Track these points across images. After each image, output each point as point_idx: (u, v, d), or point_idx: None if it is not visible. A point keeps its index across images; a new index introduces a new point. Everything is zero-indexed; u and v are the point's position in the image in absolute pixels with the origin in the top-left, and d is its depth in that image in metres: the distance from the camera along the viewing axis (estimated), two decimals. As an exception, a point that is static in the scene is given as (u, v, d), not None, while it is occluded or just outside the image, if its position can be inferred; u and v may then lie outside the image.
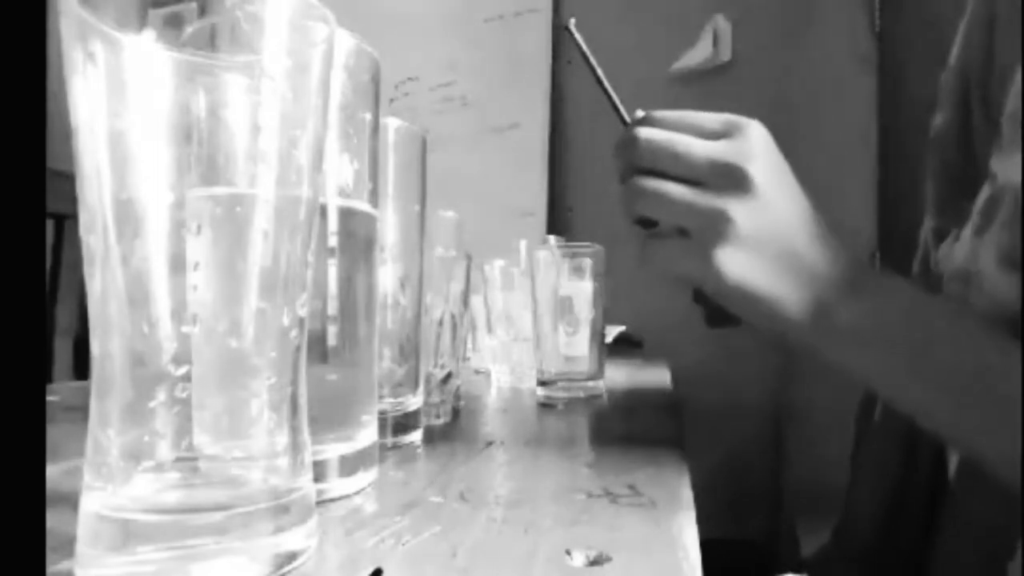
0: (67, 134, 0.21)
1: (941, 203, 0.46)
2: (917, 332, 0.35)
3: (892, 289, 0.37)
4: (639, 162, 0.39)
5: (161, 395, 0.21)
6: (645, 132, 0.39)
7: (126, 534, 0.21)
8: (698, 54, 1.71)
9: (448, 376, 0.54)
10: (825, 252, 0.37)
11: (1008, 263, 0.35)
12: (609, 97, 0.45)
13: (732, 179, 0.37)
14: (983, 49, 0.42)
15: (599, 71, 0.46)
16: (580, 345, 0.65)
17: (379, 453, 0.36)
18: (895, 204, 1.46)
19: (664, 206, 0.38)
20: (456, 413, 0.56)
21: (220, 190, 0.22)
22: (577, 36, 0.46)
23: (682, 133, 0.39)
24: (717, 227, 0.37)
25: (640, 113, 0.43)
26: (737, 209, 0.36)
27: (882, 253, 1.55)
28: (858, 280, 0.37)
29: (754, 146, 0.38)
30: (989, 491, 0.36)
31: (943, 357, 0.34)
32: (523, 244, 0.79)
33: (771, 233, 0.37)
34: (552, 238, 0.93)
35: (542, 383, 0.66)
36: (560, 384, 0.65)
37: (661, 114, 0.41)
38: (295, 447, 0.24)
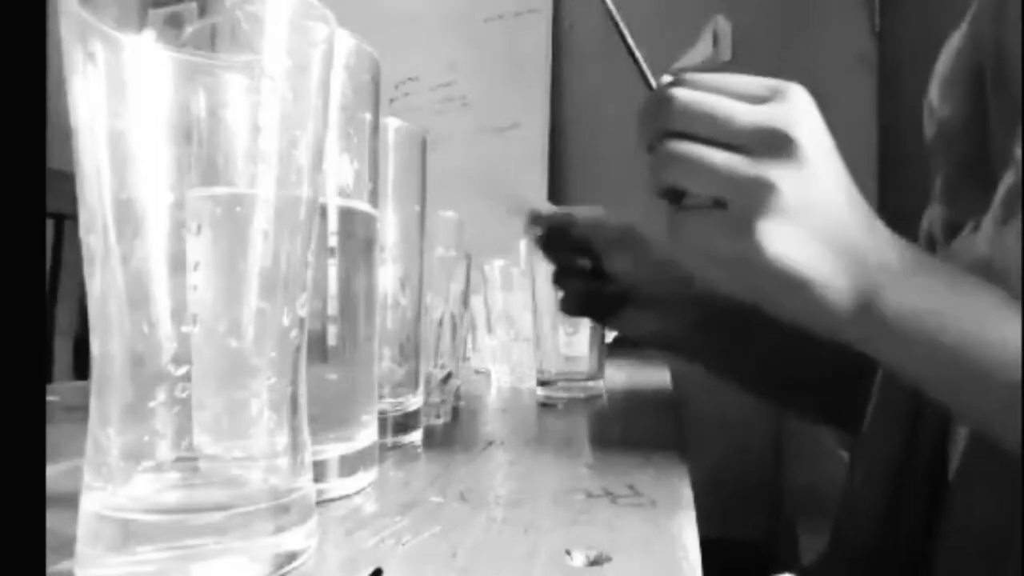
0: (67, 134, 0.21)
1: (952, 193, 0.46)
2: (969, 322, 0.33)
3: (942, 276, 0.35)
4: (672, 125, 0.35)
5: (161, 395, 0.21)
6: (680, 92, 0.36)
7: (126, 534, 0.21)
8: (698, 54, 1.71)
9: (448, 376, 0.54)
10: (873, 234, 0.34)
11: None
12: (635, 58, 0.42)
13: (778, 146, 0.33)
14: (996, 38, 0.41)
15: (625, 30, 0.43)
16: (580, 345, 0.65)
17: (379, 453, 0.36)
18: (895, 204, 1.46)
19: (703, 174, 0.34)
20: (456, 413, 0.56)
21: (220, 190, 0.22)
22: None
23: (720, 95, 0.35)
24: (761, 197, 0.33)
25: (667, 78, 0.40)
26: (784, 178, 0.33)
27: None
28: (909, 266, 0.34)
29: (801, 110, 0.34)
30: (989, 490, 0.36)
31: (994, 351, 0.32)
32: (523, 244, 0.79)
33: (820, 208, 0.33)
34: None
35: (542, 383, 0.66)
36: (560, 384, 0.65)
37: (696, 76, 0.38)
38: (295, 447, 0.24)
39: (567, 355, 0.65)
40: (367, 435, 0.34)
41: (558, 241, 0.57)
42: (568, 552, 0.25)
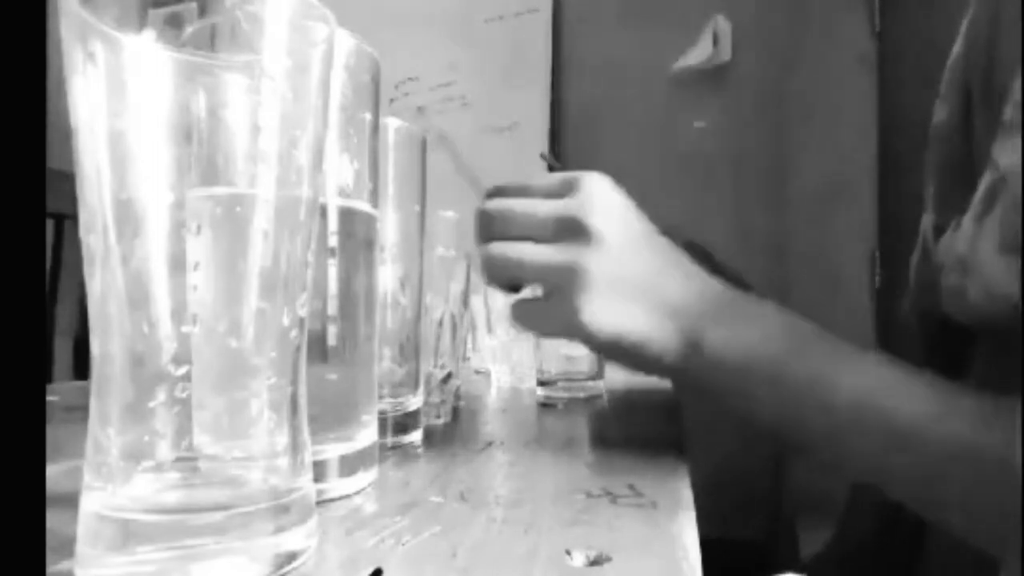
0: (67, 134, 0.21)
1: (942, 197, 0.46)
2: (779, 353, 0.36)
3: (756, 313, 0.38)
4: (493, 232, 0.41)
5: (161, 395, 0.21)
6: (493, 203, 0.42)
7: (126, 534, 0.21)
8: (698, 54, 1.71)
9: (448, 376, 0.54)
10: (687, 285, 0.38)
11: (1008, 248, 0.35)
12: (468, 178, 0.49)
13: (577, 232, 0.38)
14: (986, 44, 0.42)
15: (458, 155, 0.50)
16: (580, 345, 0.65)
17: (379, 453, 0.36)
18: (895, 203, 1.46)
19: (518, 267, 0.40)
20: (456, 413, 0.56)
21: (220, 190, 0.22)
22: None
23: (525, 198, 0.41)
24: (572, 279, 0.38)
25: (488, 187, 0.46)
26: (586, 258, 0.38)
27: (882, 252, 1.55)
28: (724, 307, 0.38)
29: (591, 197, 0.39)
30: None
31: (808, 374, 0.35)
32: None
33: (624, 275, 0.38)
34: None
35: (542, 383, 0.66)
36: (560, 384, 0.65)
37: (505, 185, 0.43)
38: (295, 447, 0.24)
39: (567, 355, 0.65)
40: (367, 435, 0.34)
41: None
42: (568, 552, 0.25)
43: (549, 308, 0.40)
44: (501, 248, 0.40)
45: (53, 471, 0.34)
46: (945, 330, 0.40)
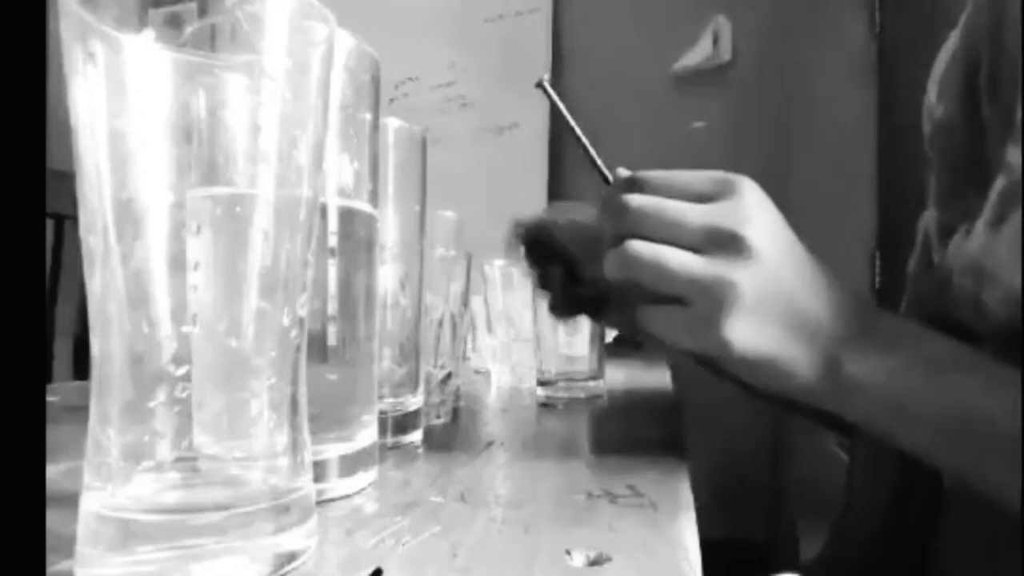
0: (67, 134, 0.21)
1: (945, 196, 0.46)
2: (930, 381, 0.34)
3: (900, 335, 0.36)
4: (630, 229, 0.38)
5: (161, 395, 0.21)
6: (635, 200, 0.38)
7: (126, 534, 0.21)
8: (698, 54, 1.71)
9: (448, 376, 0.54)
10: (830, 305, 0.37)
11: None
12: (588, 154, 0.45)
13: (730, 244, 0.36)
14: (989, 37, 0.42)
15: (577, 129, 0.45)
16: (580, 345, 0.65)
17: (379, 453, 0.36)
18: (895, 203, 1.46)
19: (663, 275, 0.36)
20: (456, 413, 0.56)
21: (220, 190, 0.22)
22: (551, 93, 0.45)
23: (671, 197, 0.38)
24: (721, 297, 0.35)
25: (622, 172, 0.42)
26: (740, 276, 0.35)
27: (882, 252, 1.55)
28: (866, 330, 0.36)
29: (748, 206, 0.37)
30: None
31: (954, 401, 0.33)
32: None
33: (776, 296, 0.36)
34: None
35: (542, 383, 0.66)
36: (560, 384, 0.65)
37: (649, 176, 0.40)
38: (295, 447, 0.24)
39: (567, 355, 0.65)
40: (367, 435, 0.34)
41: (538, 249, 0.58)
42: (568, 552, 0.25)
43: (689, 319, 0.37)
44: (648, 250, 0.37)
45: (53, 471, 0.34)
46: (947, 333, 0.40)
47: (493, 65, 1.85)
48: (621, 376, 0.85)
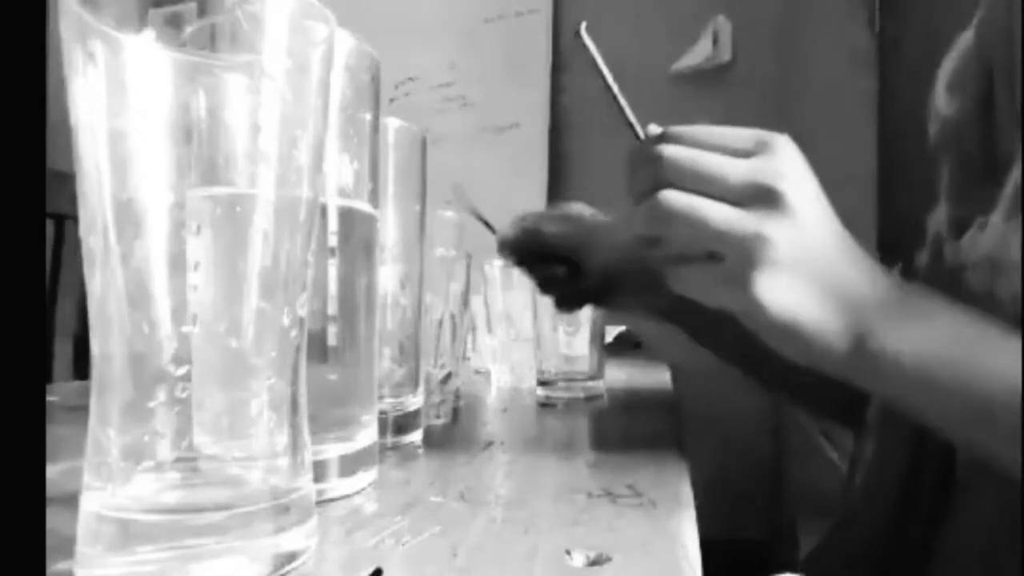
0: (67, 134, 0.21)
1: (959, 191, 0.46)
2: (964, 356, 0.34)
3: (934, 312, 0.36)
4: (663, 180, 0.37)
5: (161, 395, 0.21)
6: (670, 150, 0.37)
7: (126, 534, 0.21)
8: (698, 54, 1.71)
9: (448, 376, 0.54)
10: (864, 276, 0.36)
11: None
12: (621, 109, 0.43)
13: (767, 199, 0.35)
14: (1005, 34, 0.41)
15: (611, 81, 0.44)
16: (580, 345, 0.65)
17: (379, 453, 0.36)
18: (895, 202, 1.46)
19: (697, 227, 0.35)
20: (456, 413, 0.56)
21: (220, 190, 0.22)
22: (589, 42, 0.44)
23: (708, 151, 0.37)
24: (756, 251, 0.34)
25: (655, 128, 0.41)
26: (776, 231, 0.34)
27: (882, 252, 1.55)
28: (900, 305, 0.35)
29: (787, 163, 0.36)
30: (995, 483, 0.36)
31: (985, 377, 0.33)
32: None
33: (811, 256, 0.35)
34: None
35: (542, 383, 0.66)
36: (560, 384, 0.65)
37: (683, 130, 0.39)
38: (295, 447, 0.24)
39: (567, 355, 0.65)
40: (367, 435, 0.34)
41: (530, 257, 0.58)
42: (568, 552, 0.25)
43: (722, 275, 0.35)
44: (682, 199, 0.35)
45: (53, 471, 0.34)
46: None
47: (493, 65, 1.85)
48: (621, 376, 0.85)
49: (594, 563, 0.24)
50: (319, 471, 0.29)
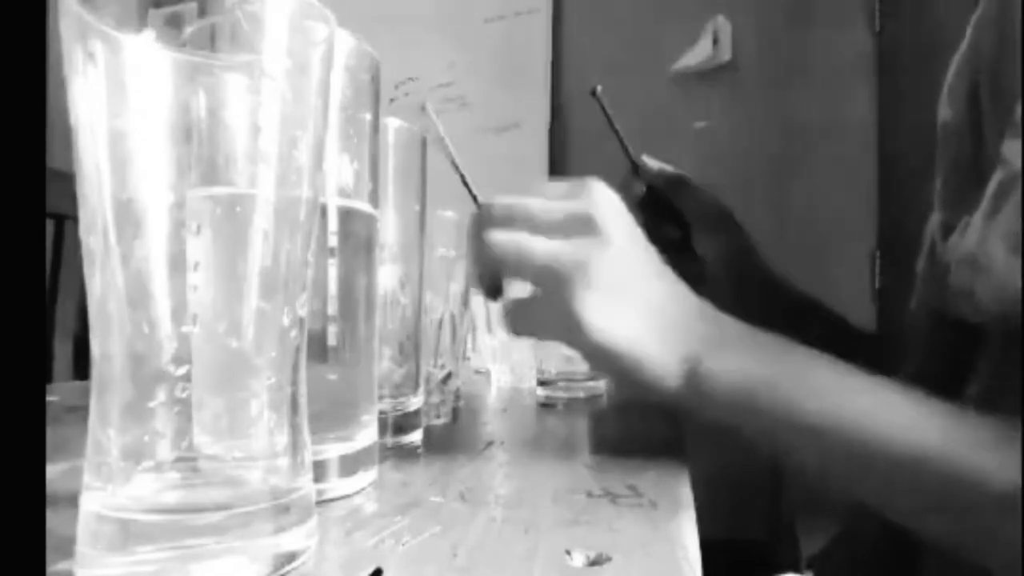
0: (67, 134, 0.21)
1: (951, 197, 0.46)
2: (787, 382, 0.35)
3: (757, 342, 0.37)
4: (496, 226, 0.39)
5: (161, 395, 0.21)
6: (498, 201, 0.40)
7: (126, 534, 0.21)
8: (698, 54, 1.71)
9: (448, 376, 0.54)
10: (684, 304, 0.37)
11: (1019, 248, 0.35)
12: (462, 178, 0.47)
13: (584, 228, 0.37)
14: (995, 41, 0.42)
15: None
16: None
17: (379, 453, 0.36)
18: (895, 203, 1.46)
19: (523, 256, 0.38)
20: (456, 413, 0.56)
21: (220, 190, 0.22)
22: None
23: (531, 208, 0.39)
24: (576, 276, 0.36)
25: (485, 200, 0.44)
26: (593, 253, 0.36)
27: (882, 253, 1.55)
28: (722, 332, 0.37)
29: (601, 198, 0.38)
30: None
31: (813, 405, 0.34)
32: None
33: (627, 277, 0.37)
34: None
35: (542, 383, 0.66)
36: (560, 384, 0.65)
37: (509, 196, 0.42)
38: (295, 447, 0.24)
39: (567, 355, 0.65)
40: (367, 435, 0.34)
41: (654, 204, 0.57)
42: (568, 552, 0.25)
43: (547, 307, 0.38)
44: (507, 236, 0.38)
45: (53, 471, 0.34)
46: (951, 330, 0.40)
47: (493, 65, 1.85)
48: (621, 376, 0.85)
49: (594, 563, 0.24)
50: (319, 471, 0.29)
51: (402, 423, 0.43)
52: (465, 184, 0.46)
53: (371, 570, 0.23)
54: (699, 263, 0.57)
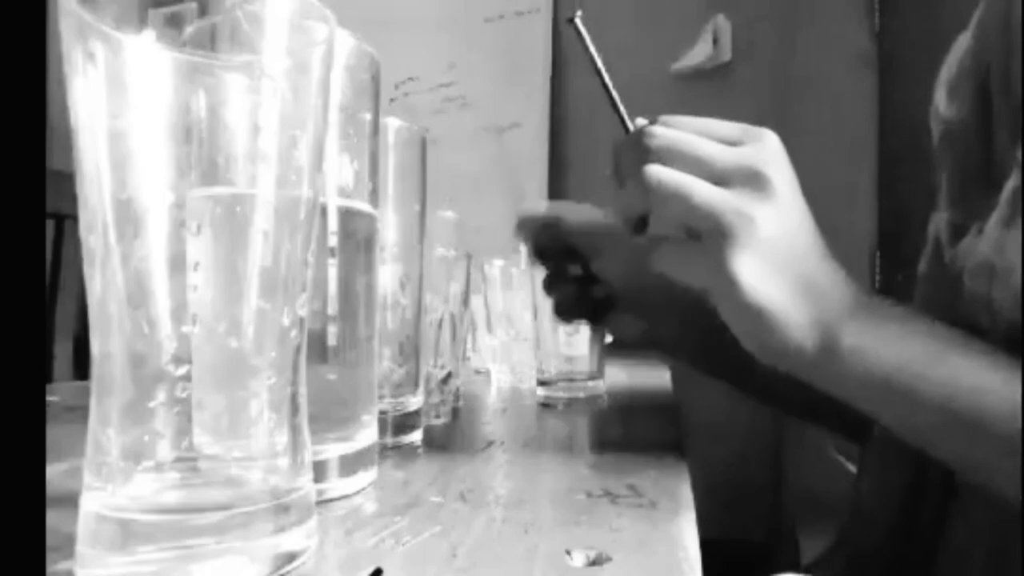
0: (67, 134, 0.21)
1: (957, 196, 0.45)
2: (923, 357, 0.34)
3: (897, 316, 0.36)
4: (654, 160, 0.37)
5: (161, 395, 0.21)
6: (661, 131, 0.38)
7: (126, 534, 0.21)
8: (698, 54, 1.71)
9: (448, 376, 0.54)
10: (833, 274, 0.36)
11: None
12: (612, 99, 0.44)
13: (753, 182, 0.35)
14: (1001, 36, 0.41)
15: (604, 72, 0.45)
16: (580, 345, 0.65)
17: (379, 453, 0.36)
18: (895, 204, 1.46)
19: (681, 201, 0.36)
20: (456, 413, 0.56)
21: (220, 190, 0.22)
22: (583, 31, 0.44)
23: (696, 136, 0.38)
24: (737, 229, 0.35)
25: (642, 121, 0.42)
26: (759, 211, 0.35)
27: (882, 253, 1.55)
28: (864, 306, 0.36)
29: (773, 152, 0.37)
30: (995, 496, 0.36)
31: (948, 384, 0.33)
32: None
33: (789, 246, 0.35)
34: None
35: (542, 383, 0.66)
36: (560, 384, 0.65)
37: (673, 117, 0.39)
38: (295, 447, 0.24)
39: (567, 355, 0.65)
40: (367, 435, 0.34)
41: (547, 246, 0.57)
42: (568, 552, 0.25)
43: (699, 254, 0.36)
44: (669, 174, 0.36)
45: (53, 471, 0.34)
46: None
47: (493, 65, 1.85)
48: (621, 376, 0.85)
49: (594, 563, 0.24)
50: (319, 471, 0.29)
51: (402, 423, 0.43)
52: (614, 105, 0.44)
53: (371, 570, 0.23)
54: (606, 287, 0.57)
